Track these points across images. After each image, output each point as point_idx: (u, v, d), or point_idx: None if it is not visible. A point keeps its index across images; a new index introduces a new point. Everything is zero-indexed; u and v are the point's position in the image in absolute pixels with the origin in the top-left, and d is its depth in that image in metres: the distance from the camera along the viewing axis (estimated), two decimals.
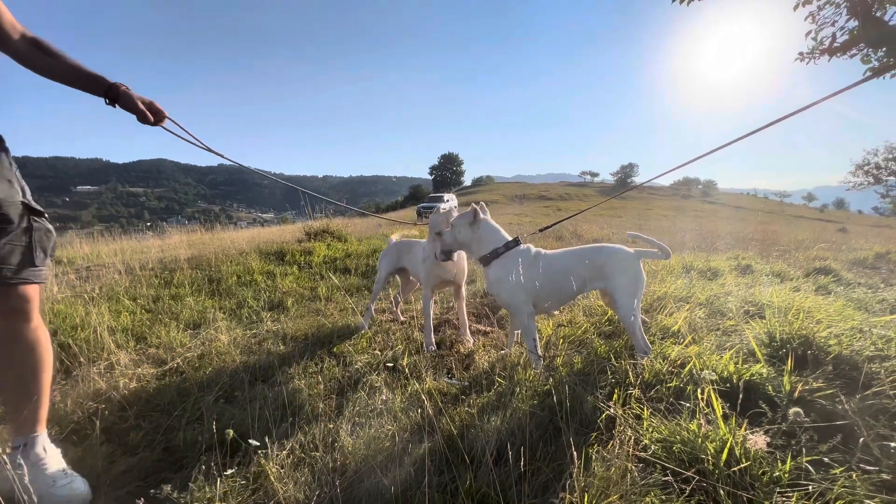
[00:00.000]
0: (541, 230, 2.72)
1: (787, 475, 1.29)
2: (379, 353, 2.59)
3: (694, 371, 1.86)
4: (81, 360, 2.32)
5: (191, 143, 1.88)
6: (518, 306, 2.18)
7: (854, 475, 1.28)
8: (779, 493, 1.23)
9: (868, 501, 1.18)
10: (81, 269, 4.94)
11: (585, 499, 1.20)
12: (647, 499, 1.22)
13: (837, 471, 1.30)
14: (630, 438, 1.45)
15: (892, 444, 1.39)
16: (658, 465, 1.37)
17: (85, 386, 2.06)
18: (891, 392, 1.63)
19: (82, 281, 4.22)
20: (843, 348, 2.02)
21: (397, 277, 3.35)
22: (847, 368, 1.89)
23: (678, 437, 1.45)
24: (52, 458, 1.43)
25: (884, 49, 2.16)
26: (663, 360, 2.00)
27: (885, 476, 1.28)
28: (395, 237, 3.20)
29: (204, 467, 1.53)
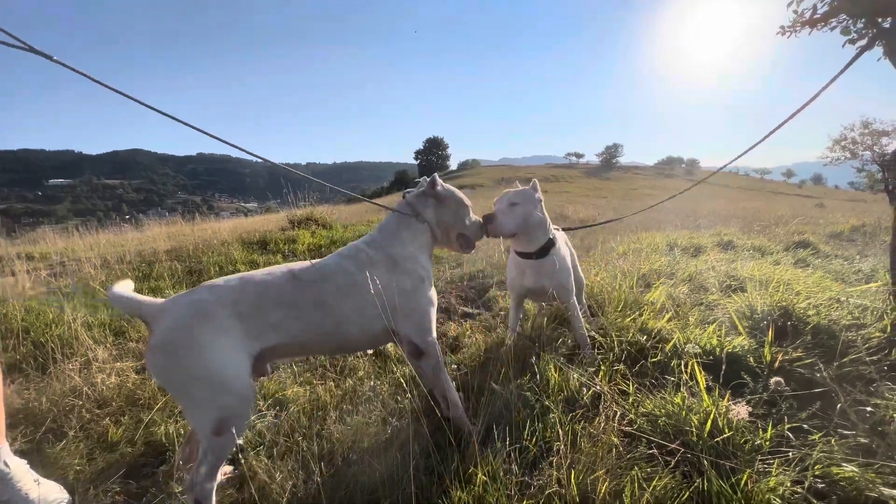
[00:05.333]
0: None
1: (768, 443, 1.32)
2: None
3: (678, 345, 1.88)
4: (57, 357, 2.24)
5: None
6: (572, 290, 2.09)
7: (832, 440, 1.31)
8: (760, 460, 1.26)
9: (845, 464, 1.21)
10: (56, 264, 4.77)
11: (572, 475, 1.21)
12: (633, 472, 1.23)
13: (816, 436, 1.34)
14: (616, 414, 1.46)
15: (868, 409, 1.43)
16: (643, 439, 1.38)
17: (61, 384, 2.00)
18: (867, 359, 1.67)
19: (56, 276, 4.08)
20: (822, 318, 2.06)
21: None
22: (825, 337, 1.93)
23: (663, 410, 1.47)
24: (19, 470, 1.31)
25: (863, 20, 2.15)
26: (648, 336, 2.01)
27: (861, 439, 1.31)
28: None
29: None
